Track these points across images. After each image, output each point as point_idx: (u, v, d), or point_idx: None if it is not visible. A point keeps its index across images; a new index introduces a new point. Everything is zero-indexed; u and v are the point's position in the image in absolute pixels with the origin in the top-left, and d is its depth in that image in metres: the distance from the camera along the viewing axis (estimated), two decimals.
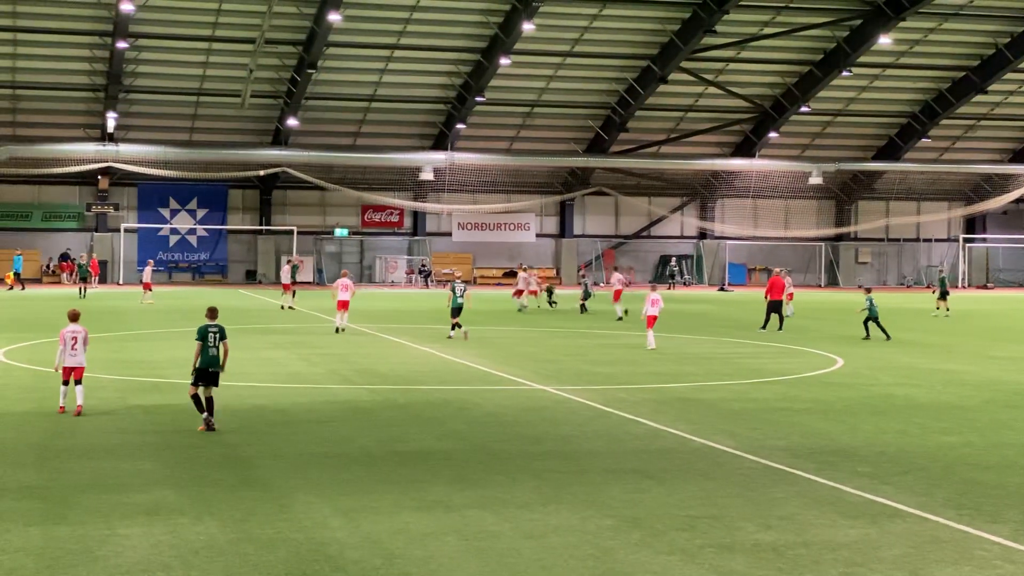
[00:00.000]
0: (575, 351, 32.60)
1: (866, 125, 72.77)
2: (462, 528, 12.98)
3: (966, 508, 14.15)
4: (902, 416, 21.54)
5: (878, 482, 15.58)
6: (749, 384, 25.86)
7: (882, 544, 12.52)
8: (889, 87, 68.66)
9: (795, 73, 66.47)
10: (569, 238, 76.17)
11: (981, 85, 66.14)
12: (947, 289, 49.06)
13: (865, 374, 27.93)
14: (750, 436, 19.00)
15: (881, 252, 79.78)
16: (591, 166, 72.51)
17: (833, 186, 76.47)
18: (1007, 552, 12.26)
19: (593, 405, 22.25)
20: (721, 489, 15.12)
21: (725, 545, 12.41)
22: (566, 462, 16.83)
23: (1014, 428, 20.38)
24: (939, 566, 11.70)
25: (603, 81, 66.82)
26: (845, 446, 18.33)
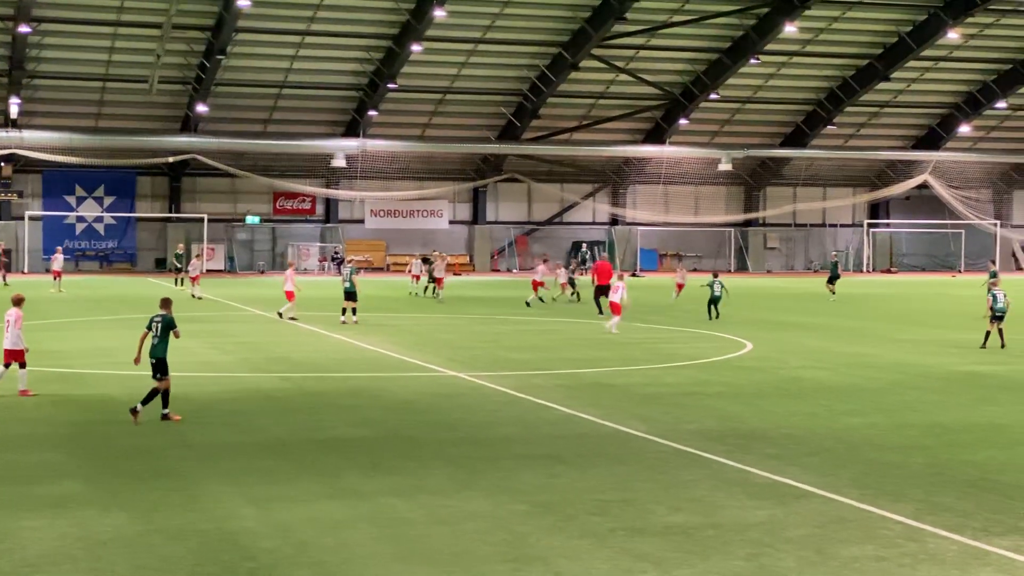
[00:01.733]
0: (490, 338, 32.68)
1: (774, 112, 73.62)
2: (375, 515, 13.00)
3: (870, 488, 14.44)
4: (810, 398, 21.90)
5: (786, 464, 15.84)
6: (661, 369, 26.12)
7: (789, 524, 12.74)
8: (795, 75, 69.51)
9: (704, 61, 67.06)
10: (482, 224, 76.25)
11: (884, 73, 67.18)
12: (838, 273, 50.01)
13: (774, 358, 28.32)
14: (662, 420, 19.21)
15: (789, 237, 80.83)
16: (504, 153, 72.60)
17: (742, 172, 77.32)
18: (909, 531, 12.54)
19: (507, 391, 22.34)
20: (633, 473, 15.28)
21: (636, 528, 12.55)
22: (480, 448, 16.91)
23: (918, 409, 20.80)
24: (844, 545, 11.94)
25: (515, 68, 66.92)
26: (754, 429, 18.60)
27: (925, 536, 12.33)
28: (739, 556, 11.55)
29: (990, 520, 12.96)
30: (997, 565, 11.33)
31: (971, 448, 17.18)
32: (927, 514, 13.17)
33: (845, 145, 76.57)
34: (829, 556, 11.56)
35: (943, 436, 18.17)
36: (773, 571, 11.09)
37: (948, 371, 25.95)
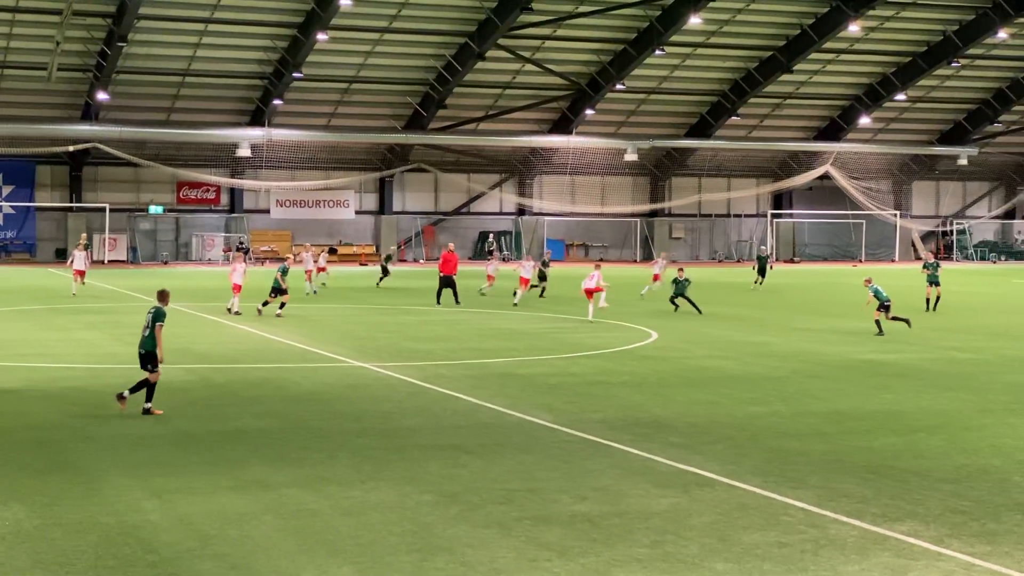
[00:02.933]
0: (396, 328, 32.58)
1: (679, 103, 74.20)
2: (279, 507, 12.91)
3: (772, 475, 14.64)
4: (713, 387, 22.14)
5: (689, 452, 16.00)
6: (567, 359, 26.24)
7: (692, 512, 12.88)
8: (700, 66, 70.12)
9: (610, 51, 67.37)
10: (389, 215, 75.97)
11: (787, 65, 68.01)
12: (766, 265, 50.55)
13: (679, 347, 28.58)
14: (567, 410, 19.30)
15: (694, 227, 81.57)
16: (410, 143, 72.40)
17: (648, 163, 77.86)
18: (810, 517, 12.73)
19: (413, 382, 22.30)
20: (538, 462, 15.34)
21: (541, 517, 12.60)
22: (385, 439, 16.87)
23: (818, 397, 21.12)
24: (746, 532, 12.09)
25: (421, 58, 66.72)
26: (659, 418, 18.77)
27: (826, 522, 12.53)
28: (643, 544, 11.64)
29: (888, 505, 13.20)
30: (895, 549, 11.55)
31: (869, 435, 17.48)
32: (827, 500, 13.38)
33: (749, 136, 77.42)
34: (732, 543, 11.70)
35: (842, 423, 18.47)
36: (676, 558, 11.20)
37: (847, 359, 26.38)
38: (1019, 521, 12.59)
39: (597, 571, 10.81)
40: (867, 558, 11.24)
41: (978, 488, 14.10)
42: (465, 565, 10.95)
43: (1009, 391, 21.88)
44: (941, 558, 11.28)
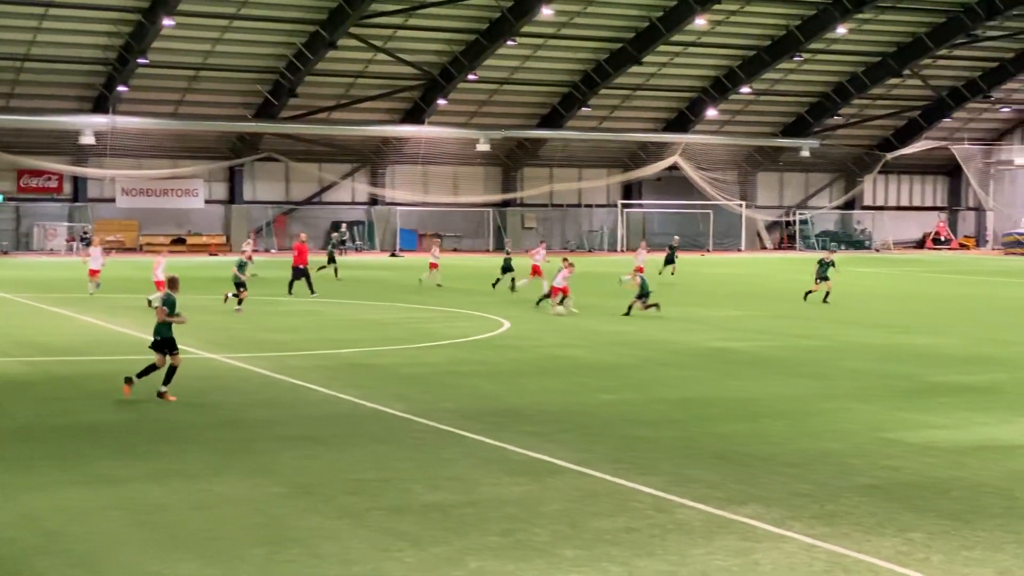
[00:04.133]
0: (249, 319, 32.18)
1: (530, 94, 74.60)
2: (127, 502, 12.69)
3: (623, 462, 14.85)
4: (566, 376, 22.36)
5: (542, 440, 16.14)
6: (421, 348, 26.23)
7: (544, 500, 13.00)
8: (551, 57, 70.57)
9: (462, 41, 67.42)
10: (239, 204, 74.94)
11: (636, 57, 68.86)
12: (674, 257, 50.22)
13: (531, 336, 28.78)
14: (421, 399, 19.31)
15: (546, 217, 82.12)
16: (261, 131, 71.51)
17: (500, 153, 78.14)
18: (659, 502, 12.96)
19: (265, 373, 22.08)
20: (392, 452, 15.33)
21: (394, 507, 12.61)
22: (236, 431, 16.68)
23: (669, 385, 21.48)
24: (596, 518, 12.26)
25: (271, 45, 65.92)
26: (512, 406, 18.89)
27: (674, 507, 12.76)
28: (495, 532, 11.72)
29: (734, 490, 13.50)
30: (740, 533, 11.82)
31: (718, 421, 17.84)
32: (676, 486, 13.63)
33: (599, 127, 78.21)
34: (582, 529, 11.85)
35: (692, 410, 18.81)
36: (528, 545, 11.31)
37: (697, 347, 26.86)
38: (857, 503, 12.99)
39: (450, 560, 10.85)
40: (713, 541, 11.49)
41: (819, 471, 14.50)
42: (317, 556, 10.90)
43: (850, 377, 22.53)
44: (783, 540, 11.58)
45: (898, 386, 21.46)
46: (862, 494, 13.39)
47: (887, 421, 17.93)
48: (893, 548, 11.35)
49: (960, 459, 15.31)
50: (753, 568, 10.74)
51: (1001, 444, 16.36)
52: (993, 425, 17.74)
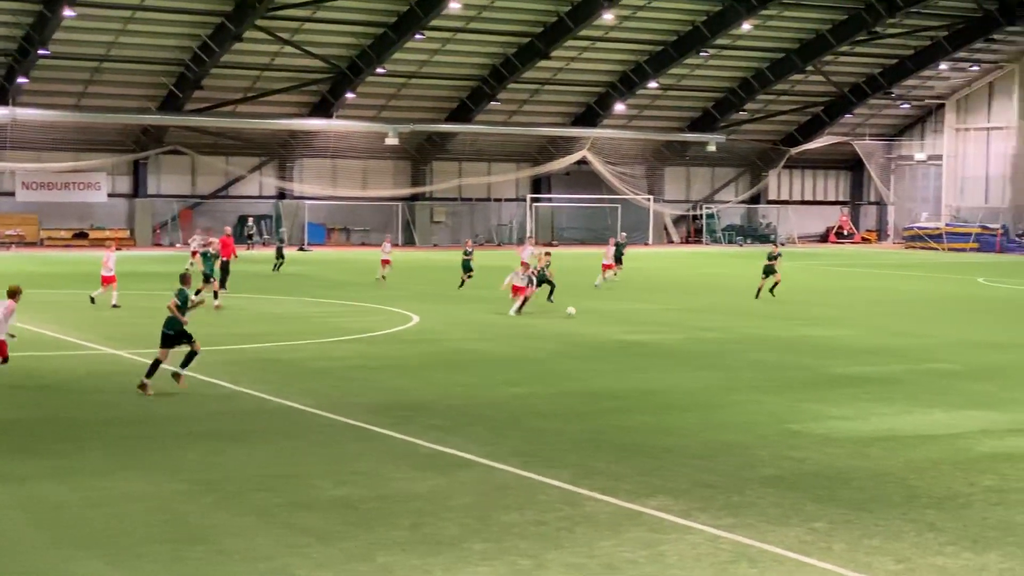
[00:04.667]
0: (152, 314, 31.68)
1: (439, 88, 74.39)
2: (27, 501, 12.47)
3: (530, 455, 14.90)
4: (473, 369, 22.38)
5: (449, 434, 16.14)
6: (329, 343, 26.08)
7: (452, 493, 13.01)
8: (460, 51, 70.43)
9: (370, 35, 67.03)
10: (143, 198, 73.87)
11: (545, 51, 68.98)
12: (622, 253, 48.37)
13: (440, 330, 28.75)
14: (329, 394, 19.21)
15: (455, 211, 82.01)
16: (165, 124, 70.52)
17: (409, 147, 77.85)
18: (566, 495, 13.02)
19: (170, 369, 21.80)
20: (299, 448, 15.24)
21: (302, 503, 12.53)
22: (140, 427, 16.47)
23: (576, 378, 21.58)
24: (505, 511, 12.28)
25: (176, 37, 65.01)
26: (420, 400, 18.87)
27: (582, 500, 12.83)
28: (403, 526, 11.70)
29: (640, 482, 13.61)
30: (647, 524, 11.91)
31: (624, 414, 17.97)
32: (583, 478, 13.70)
33: (509, 121, 78.26)
34: (490, 523, 11.87)
35: (598, 403, 18.93)
36: (436, 539, 11.30)
37: (604, 340, 27.00)
38: (762, 494, 13.15)
39: (357, 555, 10.81)
40: (620, 534, 11.56)
41: (725, 463, 14.66)
42: (222, 554, 10.80)
43: (754, 369, 22.80)
44: (690, 531, 11.69)
45: (801, 378, 21.77)
46: (767, 485, 13.56)
47: (791, 412, 18.18)
48: (797, 538, 11.52)
49: (862, 449, 15.57)
50: (660, 560, 10.83)
51: (901, 434, 16.67)
52: (893, 416, 18.07)
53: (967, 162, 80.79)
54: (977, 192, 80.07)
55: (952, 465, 14.71)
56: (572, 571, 10.49)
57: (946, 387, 20.83)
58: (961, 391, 20.42)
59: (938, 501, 12.97)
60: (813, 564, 10.74)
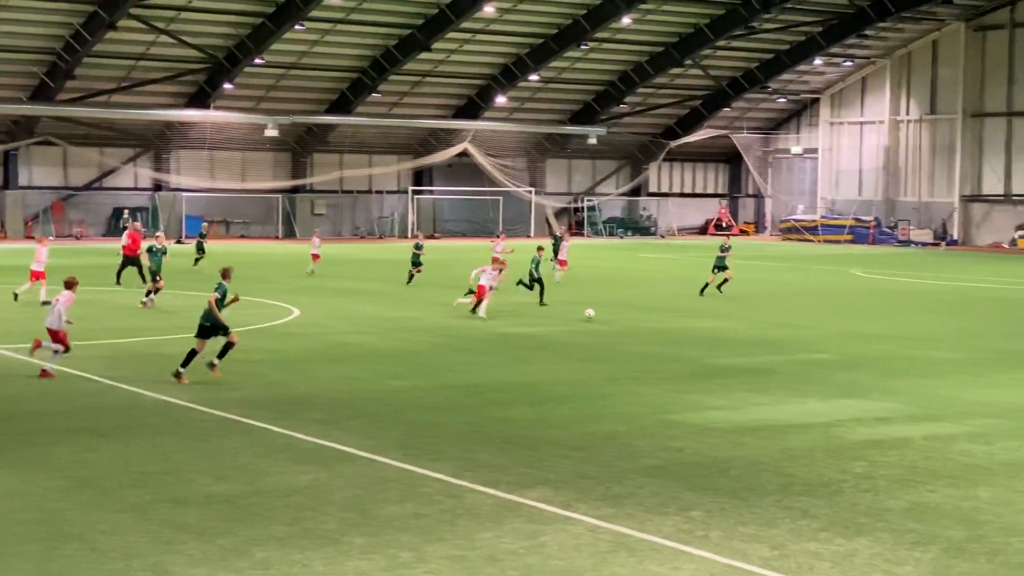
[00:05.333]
0: (24, 308, 31.02)
1: (319, 79, 73.77)
2: None
3: (412, 448, 14.87)
4: (356, 363, 22.26)
5: (331, 428, 16.05)
6: None
7: (333, 487, 12.93)
8: (340, 42, 69.90)
9: (248, 25, 66.21)
10: (14, 190, 72.13)
11: (425, 43, 68.79)
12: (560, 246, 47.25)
13: (321, 323, 28.54)
14: (207, 389, 18.97)
15: (336, 204, 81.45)
16: (36, 114, 68.89)
17: (289, 139, 77.10)
18: (448, 488, 13.02)
19: (42, 364, 21.33)
20: (175, 443, 15.02)
21: (178, 499, 12.36)
22: (10, 424, 16.09)
23: (458, 370, 21.59)
24: (385, 505, 12.25)
25: (48, 25, 63.55)
26: (300, 394, 18.72)
27: (463, 492, 12.84)
28: (283, 521, 11.60)
29: (522, 473, 13.66)
30: (528, 516, 11.96)
31: (506, 406, 18.02)
32: (465, 471, 13.71)
33: (390, 113, 77.93)
34: (371, 516, 11.82)
35: (481, 396, 18.96)
36: (316, 534, 11.22)
37: (487, 333, 27.05)
38: (641, 483, 13.29)
39: (235, 551, 10.69)
40: (501, 525, 11.60)
41: (605, 454, 14.78)
42: (96, 551, 10.60)
43: (635, 360, 23.02)
44: (570, 522, 11.77)
45: (681, 369, 22.04)
46: (646, 475, 13.71)
47: (670, 403, 18.40)
48: (675, 526, 11.66)
49: (739, 439, 15.81)
50: (540, 550, 10.88)
51: (777, 424, 16.96)
52: (769, 405, 18.39)
53: (841, 155, 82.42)
54: (851, 185, 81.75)
55: (825, 453, 15.01)
56: (453, 563, 10.49)
57: (821, 377, 21.25)
58: (835, 381, 20.84)
59: (811, 488, 13.23)
60: (690, 552, 10.88)
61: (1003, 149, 72.98)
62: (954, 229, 74.37)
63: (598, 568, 10.42)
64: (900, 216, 77.15)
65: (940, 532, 11.61)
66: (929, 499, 12.87)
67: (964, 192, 74.41)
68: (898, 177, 78.89)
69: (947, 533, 11.58)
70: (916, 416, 17.64)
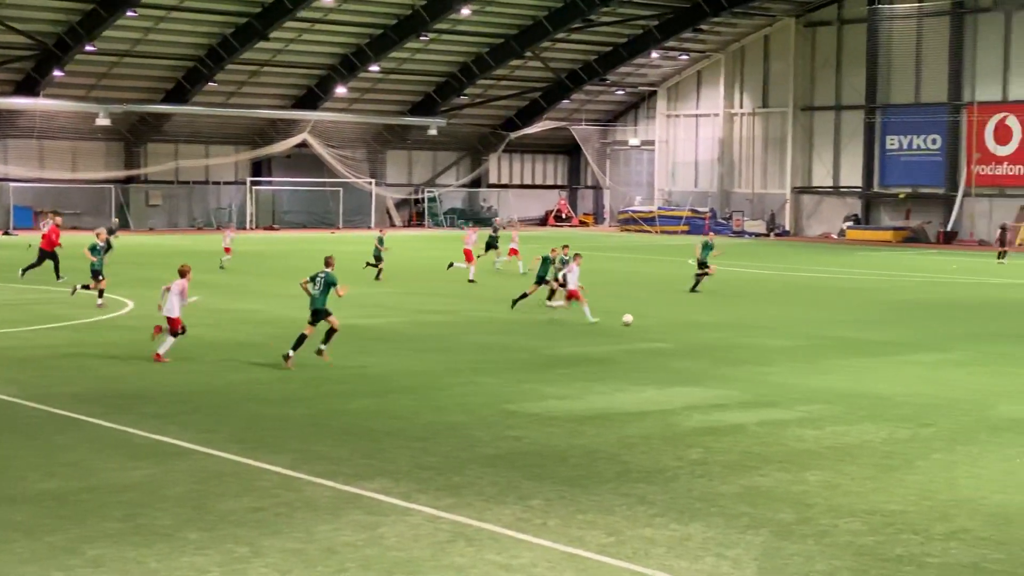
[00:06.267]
0: None
1: (154, 67, 72.27)
2: None
3: (250, 442, 14.69)
4: (192, 356, 21.87)
5: (166, 422, 15.77)
6: (37, 331, 25.04)
7: (167, 483, 12.70)
8: (176, 30, 68.57)
9: (79, 11, 64.53)
10: None
11: (263, 32, 67.92)
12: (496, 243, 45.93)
13: (156, 316, 27.91)
14: (35, 384, 18.48)
15: (172, 194, 79.96)
16: None
17: (122, 128, 75.39)
18: (286, 480, 12.90)
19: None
20: (3, 440, 14.59)
21: (7, 497, 12.02)
22: None
23: (298, 363, 21.30)
24: (221, 499, 12.08)
25: None
26: (135, 389, 18.34)
27: (302, 484, 12.74)
28: (115, 518, 11.36)
29: (361, 465, 13.61)
30: (367, 507, 11.92)
31: (346, 398, 17.92)
32: (304, 463, 13.60)
33: (227, 103, 76.77)
34: (206, 511, 11.65)
35: (321, 387, 18.82)
36: (149, 530, 11.01)
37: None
38: (481, 473, 13.35)
39: (66, 549, 10.43)
40: (340, 517, 11.54)
41: (445, 444, 14.81)
42: None
43: (475, 351, 23.11)
44: (409, 513, 11.77)
45: (521, 359, 22.19)
46: (486, 465, 13.77)
47: (510, 393, 18.51)
48: (513, 515, 11.74)
49: (577, 427, 15.98)
50: (379, 542, 10.86)
51: (615, 412, 17.19)
52: (608, 394, 18.63)
53: (678, 147, 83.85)
54: (687, 177, 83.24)
55: (662, 440, 15.27)
56: (290, 556, 10.40)
57: (658, 365, 21.60)
58: (672, 369, 21.21)
59: (648, 475, 13.45)
60: (528, 540, 10.97)
61: (832, 142, 75.12)
62: (785, 220, 76.28)
63: (437, 558, 10.44)
64: (735, 207, 78.83)
65: (771, 515, 11.91)
66: (761, 483, 13.19)
67: (795, 184, 76.36)
68: (733, 169, 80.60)
69: (778, 516, 11.89)
70: (750, 403, 18.05)
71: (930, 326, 28.45)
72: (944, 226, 67.78)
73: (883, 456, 14.56)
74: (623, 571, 10.25)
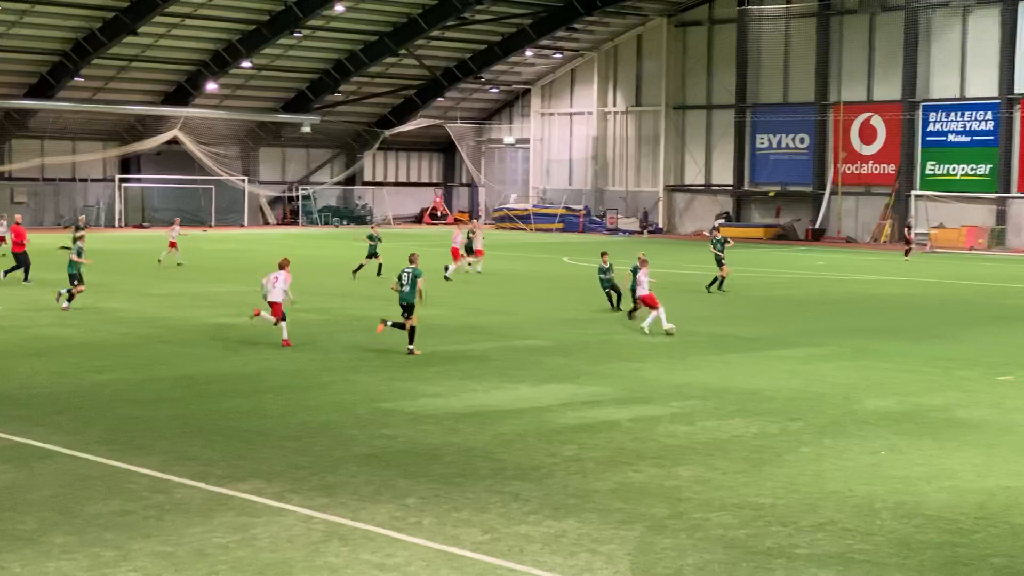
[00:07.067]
0: None
1: (17, 61, 70.52)
2: None
3: (118, 443, 14.41)
4: (58, 357, 21.41)
5: (31, 425, 15.40)
6: None
7: (32, 486, 12.40)
8: (40, 24, 66.96)
9: None
10: None
11: (131, 26, 66.67)
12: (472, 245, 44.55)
13: (20, 316, 27.34)
14: None
15: (37, 192, 78.12)
16: None
17: None
18: (156, 482, 12.67)
19: None
20: None
21: None
22: None
23: (167, 363, 21.03)
24: (88, 502, 11.82)
25: None
26: None
27: (171, 486, 12.52)
28: None
29: (233, 466, 13.42)
30: (239, 508, 11.76)
31: (218, 398, 17.68)
32: (174, 464, 13.38)
33: (94, 98, 75.25)
34: (73, 514, 11.39)
35: (191, 388, 18.53)
36: (13, 535, 10.74)
37: (199, 324, 26.46)
38: (355, 472, 13.26)
39: None
40: (211, 519, 11.37)
41: (319, 444, 14.68)
42: None
43: (350, 350, 22.95)
44: (282, 513, 11.64)
45: (396, 358, 22.09)
46: (360, 463, 13.68)
47: (385, 392, 18.42)
48: (388, 514, 11.68)
49: (453, 425, 15.96)
50: (251, 543, 10.72)
51: (490, 409, 17.21)
52: (483, 392, 18.64)
53: (552, 146, 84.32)
54: (562, 174, 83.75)
55: (537, 437, 15.32)
56: (159, 560, 10.21)
57: (533, 363, 21.67)
58: (547, 366, 21.30)
59: (523, 472, 13.48)
60: (403, 539, 10.92)
61: (704, 141, 76.17)
62: (659, 218, 77.16)
63: (310, 559, 10.34)
64: (609, 205, 79.50)
65: (644, 510, 12.02)
66: (634, 479, 13.30)
67: (668, 182, 77.28)
68: (607, 167, 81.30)
69: (651, 511, 12.00)
70: (623, 399, 18.20)
71: (799, 322, 29.00)
72: (812, 223, 69.16)
73: (753, 450, 14.79)
74: (498, 568, 10.26)
